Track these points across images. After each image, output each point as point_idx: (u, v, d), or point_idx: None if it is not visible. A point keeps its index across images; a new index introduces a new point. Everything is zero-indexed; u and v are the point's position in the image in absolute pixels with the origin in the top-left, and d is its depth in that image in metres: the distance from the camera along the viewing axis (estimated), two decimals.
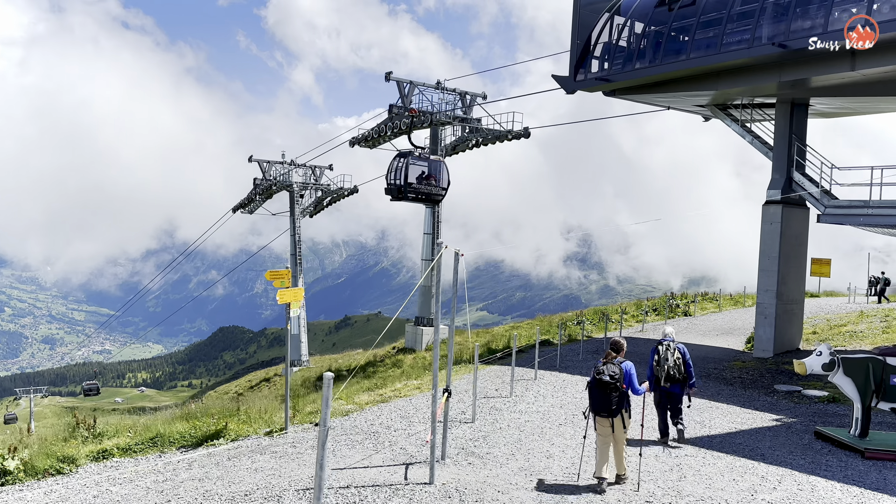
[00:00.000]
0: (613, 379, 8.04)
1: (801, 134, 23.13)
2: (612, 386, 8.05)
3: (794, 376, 18.46)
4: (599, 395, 8.13)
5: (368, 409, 12.65)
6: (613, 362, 8.28)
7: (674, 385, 10.59)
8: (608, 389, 8.05)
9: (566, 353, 22.94)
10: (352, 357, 43.59)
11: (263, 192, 50.75)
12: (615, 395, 8.06)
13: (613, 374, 8.05)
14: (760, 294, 23.14)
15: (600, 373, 8.11)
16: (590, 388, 8.29)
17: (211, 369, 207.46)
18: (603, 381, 8.07)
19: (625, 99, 25.34)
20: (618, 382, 8.08)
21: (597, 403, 8.21)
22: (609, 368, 8.11)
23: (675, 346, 10.74)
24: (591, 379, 8.25)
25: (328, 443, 9.94)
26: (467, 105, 38.84)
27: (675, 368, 10.53)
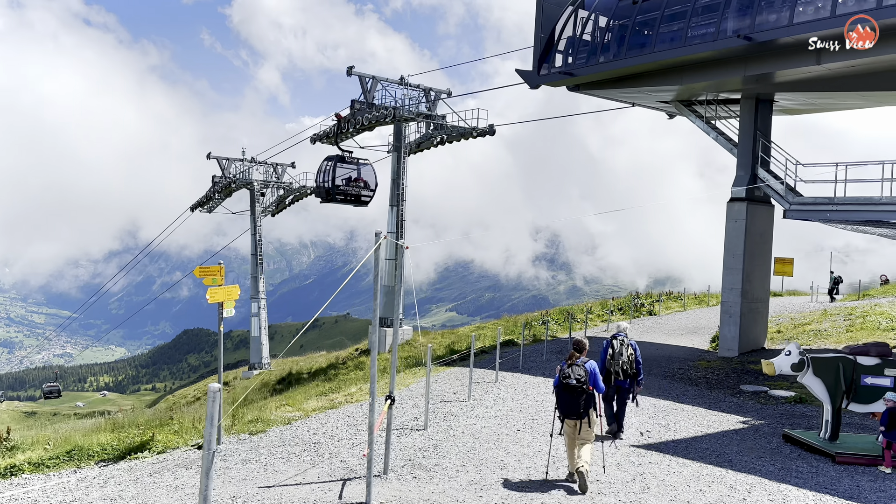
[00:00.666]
0: (580, 382, 8.04)
1: (765, 130, 22.86)
2: (579, 389, 8.06)
3: (760, 376, 18.06)
4: (567, 398, 8.12)
5: (314, 417, 11.79)
6: (578, 363, 8.24)
7: (624, 380, 10.68)
8: (576, 393, 8.06)
9: (530, 353, 22.31)
10: (314, 359, 42.47)
11: (222, 189, 49.31)
12: (583, 398, 8.09)
13: (580, 377, 8.05)
14: (725, 292, 22.79)
15: (567, 376, 8.08)
16: (557, 392, 8.25)
17: (175, 372, 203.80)
18: (570, 385, 8.05)
19: (589, 94, 24.83)
20: (584, 385, 8.08)
21: (565, 407, 8.17)
22: (575, 371, 8.09)
23: (629, 341, 10.88)
24: (558, 382, 8.21)
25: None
26: (432, 102, 38.06)
27: (628, 364, 10.66)
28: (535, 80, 24.41)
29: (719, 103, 23.93)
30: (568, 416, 8.20)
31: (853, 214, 19.14)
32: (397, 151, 37.09)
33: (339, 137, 38.20)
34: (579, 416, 8.14)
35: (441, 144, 39.46)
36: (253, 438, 10.21)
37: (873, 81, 19.31)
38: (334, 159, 31.41)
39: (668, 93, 23.44)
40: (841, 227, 20.43)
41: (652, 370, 19.08)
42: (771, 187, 22.09)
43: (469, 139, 38.03)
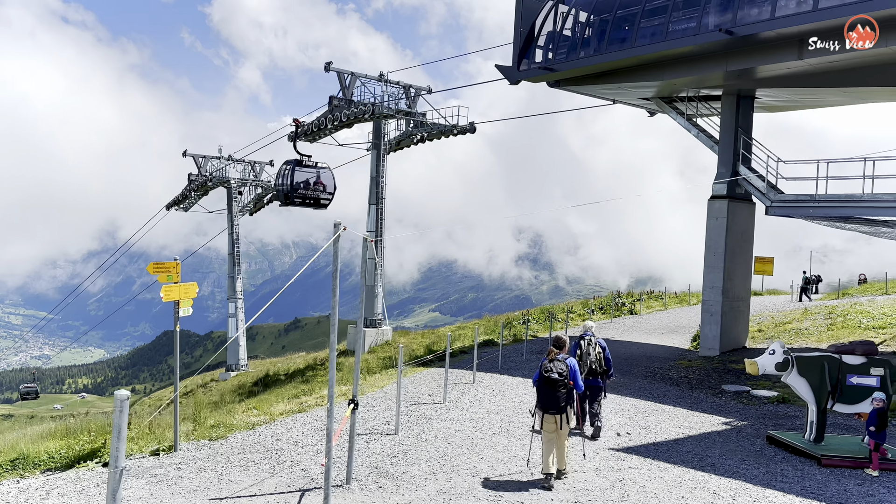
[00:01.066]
0: (561, 376, 8.14)
1: (746, 127, 22.61)
2: (560, 383, 8.16)
3: (742, 376, 17.76)
4: (548, 392, 8.19)
5: (280, 421, 11.24)
6: (558, 359, 8.34)
7: (595, 378, 10.68)
8: (556, 387, 8.15)
9: (510, 353, 21.89)
10: (292, 360, 41.77)
11: (198, 188, 48.41)
12: (563, 392, 8.16)
13: (561, 372, 8.15)
14: (706, 291, 22.53)
15: (548, 371, 8.18)
16: (538, 386, 8.32)
17: (155, 374, 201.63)
18: (552, 378, 8.14)
19: (570, 90, 24.46)
20: (565, 379, 8.18)
21: (545, 401, 8.24)
22: (556, 366, 8.19)
23: (596, 340, 10.87)
24: (539, 377, 8.27)
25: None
26: (412, 99, 37.55)
27: (597, 363, 10.68)
28: (514, 75, 24.00)
29: (700, 100, 23.67)
30: (548, 411, 8.24)
31: (835, 211, 18.92)
32: (377, 149, 36.55)
33: (315, 136, 37.56)
34: (559, 411, 8.20)
35: (421, 142, 38.99)
36: (213, 445, 9.64)
37: (854, 77, 19.10)
38: (292, 163, 32.36)
39: (649, 89, 23.14)
40: (823, 223, 20.22)
41: (632, 370, 18.73)
42: (752, 184, 21.84)
43: (450, 137, 37.60)
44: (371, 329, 36.14)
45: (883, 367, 10.01)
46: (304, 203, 32.64)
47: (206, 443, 9.72)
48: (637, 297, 40.66)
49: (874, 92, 20.13)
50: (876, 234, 19.62)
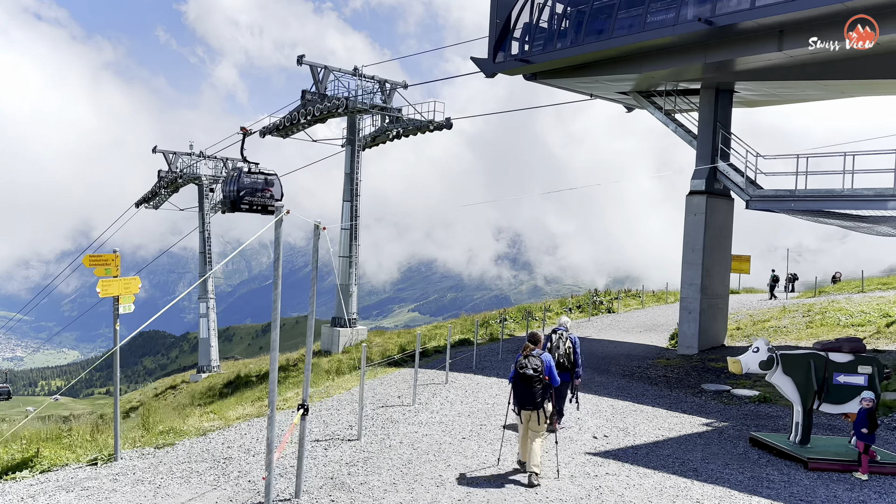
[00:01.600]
0: (537, 372, 8.06)
1: (725, 122, 22.24)
2: (535, 379, 8.07)
3: (722, 374, 17.33)
4: (524, 388, 8.11)
5: (235, 427, 10.50)
6: (534, 354, 8.27)
7: (563, 373, 10.47)
8: (532, 382, 8.07)
9: (485, 353, 21.28)
10: (265, 361, 40.79)
11: (168, 185, 47.23)
12: (539, 388, 8.08)
13: (536, 367, 8.07)
14: (684, 288, 22.12)
15: (523, 367, 8.10)
16: (513, 382, 8.23)
17: (130, 376, 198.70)
18: (527, 374, 8.06)
19: (547, 83, 23.92)
20: (541, 375, 8.10)
21: (521, 398, 8.16)
22: (532, 362, 8.11)
23: (568, 335, 10.79)
24: (514, 373, 8.20)
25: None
26: (387, 94, 36.85)
27: (565, 357, 10.56)
28: (490, 67, 23.41)
29: (679, 94, 23.27)
30: (524, 408, 8.16)
31: (815, 204, 18.60)
32: (351, 145, 35.77)
33: (287, 131, 36.71)
34: (535, 407, 8.10)
35: (397, 138, 38.24)
36: (158, 453, 8.88)
37: (834, 70, 18.78)
38: (238, 171, 33.19)
39: (626, 82, 22.68)
40: (804, 217, 19.89)
41: (610, 368, 18.23)
42: (731, 179, 21.48)
43: (426, 133, 36.94)
44: (345, 329, 35.35)
45: (870, 365, 9.54)
46: (250, 209, 33.24)
47: (152, 451, 8.97)
48: (615, 295, 40.34)
49: (853, 85, 19.84)
50: (856, 228, 19.33)
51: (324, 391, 14.13)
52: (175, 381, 51.09)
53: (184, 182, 47.22)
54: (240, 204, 32.72)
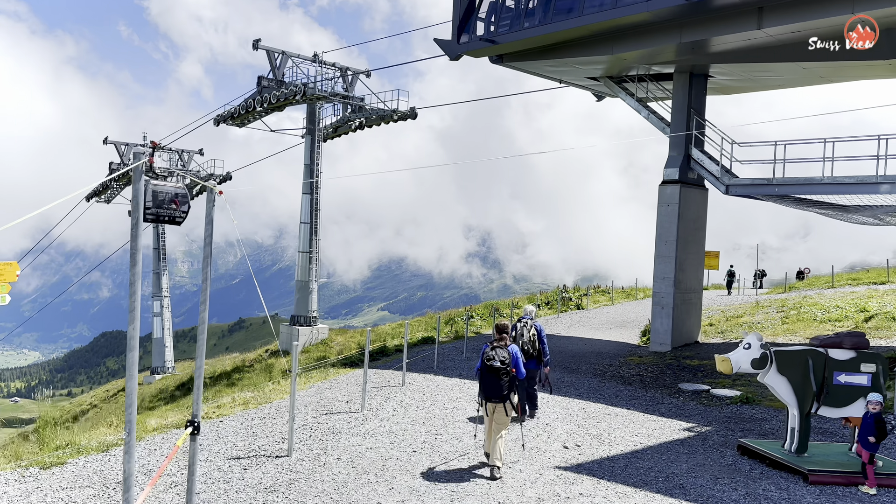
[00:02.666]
0: (504, 364, 8.02)
1: (699, 108, 21.25)
2: (502, 371, 8.01)
3: (699, 372, 16.25)
4: (490, 380, 8.05)
5: (146, 441, 8.99)
6: (500, 346, 8.21)
7: (529, 361, 10.53)
8: (499, 374, 8.00)
9: (449, 351, 19.97)
10: (221, 362, 38.97)
11: (120, 178, 44.96)
12: (506, 379, 8.01)
13: (504, 359, 8.04)
14: (657, 282, 21.06)
15: (490, 358, 8.07)
16: (480, 374, 8.19)
17: (93, 377, 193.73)
18: (494, 366, 8.00)
19: (514, 67, 22.67)
20: (508, 367, 8.04)
21: (489, 389, 8.09)
22: (499, 353, 8.08)
23: (533, 323, 10.87)
24: (481, 365, 8.15)
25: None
26: (349, 82, 35.30)
27: (530, 344, 10.64)
28: (454, 49, 22.08)
29: (651, 79, 22.19)
30: (490, 399, 8.09)
31: (795, 190, 17.69)
32: (311, 135, 34.17)
33: (243, 120, 34.97)
34: (502, 399, 8.04)
35: (360, 129, 36.71)
36: (42, 475, 7.35)
37: (814, 51, 17.84)
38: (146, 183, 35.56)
39: (597, 66, 21.55)
40: (786, 204, 18.92)
41: (580, 367, 17.05)
42: (706, 168, 20.48)
43: (390, 123, 35.47)
44: (305, 327, 33.76)
45: (874, 362, 8.43)
46: (156, 220, 35.08)
47: (35, 472, 7.43)
48: (584, 291, 39.35)
49: (834, 68, 18.96)
50: (846, 219, 18.46)
51: (264, 396, 12.66)
52: None
53: None
54: (146, 216, 35.81)
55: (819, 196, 18.19)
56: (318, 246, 34.56)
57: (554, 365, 17.22)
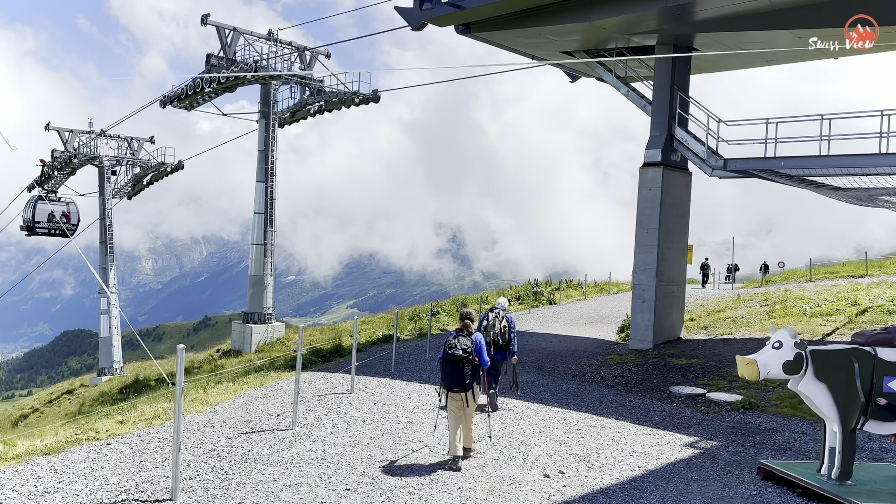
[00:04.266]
0: (466, 352, 7.75)
1: (683, 85, 19.54)
2: (465, 360, 7.75)
3: (688, 373, 14.47)
4: (453, 369, 7.78)
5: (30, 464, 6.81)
6: (464, 334, 7.93)
7: (497, 351, 10.40)
8: (461, 363, 7.74)
9: (410, 350, 17.96)
10: (168, 363, 36.33)
11: (62, 165, 41.89)
12: (468, 368, 7.75)
13: (466, 347, 7.77)
14: (637, 274, 19.30)
15: (453, 347, 7.80)
16: (442, 363, 7.93)
17: (54, 376, 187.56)
18: (456, 355, 7.74)
19: (482, 38, 20.68)
20: (470, 355, 7.78)
21: (450, 379, 7.82)
22: (461, 341, 7.82)
23: (504, 314, 10.70)
24: (443, 353, 7.88)
25: None
26: (307, 63, 32.98)
27: (500, 335, 10.42)
28: (417, 16, 20.01)
29: (631, 52, 20.39)
30: (452, 389, 7.80)
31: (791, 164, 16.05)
32: (265, 118, 31.77)
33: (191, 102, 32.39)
34: (464, 388, 7.75)
35: (320, 113, 34.48)
36: None
37: (810, 16, 16.21)
38: (35, 198, 36.50)
39: (573, 36, 19.68)
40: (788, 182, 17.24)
41: (557, 368, 15.18)
42: (690, 149, 18.79)
43: (351, 106, 33.28)
44: (259, 325, 31.41)
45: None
46: (47, 233, 36.74)
47: None
48: (556, 286, 37.64)
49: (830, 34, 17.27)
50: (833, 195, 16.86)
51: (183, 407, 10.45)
52: (73, 385, 45.89)
53: (80, 163, 41.97)
54: (36, 229, 35.70)
55: (820, 178, 16.57)
56: (273, 238, 32.21)
57: (527, 365, 15.35)
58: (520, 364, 12.87)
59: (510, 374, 11.57)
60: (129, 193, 45.99)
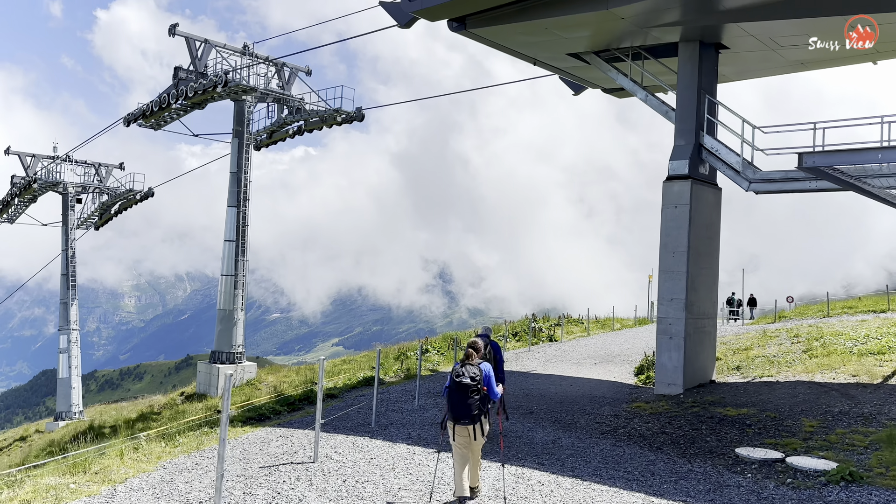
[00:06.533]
0: (474, 381, 7.21)
1: (710, 87, 17.04)
2: (473, 388, 7.19)
3: (744, 426, 11.52)
4: (460, 399, 7.19)
5: None
6: (473, 363, 7.34)
7: None
8: (469, 392, 7.19)
9: (396, 396, 14.96)
10: (131, 407, 32.87)
11: (21, 191, 38.86)
12: (476, 399, 7.21)
13: (474, 376, 7.22)
14: (663, 306, 16.47)
15: (459, 375, 7.24)
16: (448, 392, 7.30)
17: (31, 417, 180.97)
18: (463, 383, 7.18)
19: (478, 37, 18.14)
20: (479, 384, 7.25)
21: (457, 410, 7.19)
22: (469, 370, 7.26)
23: (488, 341, 9.80)
24: (449, 382, 7.33)
25: None
26: (286, 81, 30.47)
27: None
28: (405, 9, 17.46)
29: (646, 51, 17.89)
30: (459, 421, 7.16)
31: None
32: (238, 137, 29.09)
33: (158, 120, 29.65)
34: (472, 420, 7.14)
35: (300, 134, 31.93)
36: None
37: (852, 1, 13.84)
38: None
39: (582, 32, 17.20)
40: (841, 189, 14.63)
41: (577, 421, 12.23)
42: (722, 160, 16.21)
43: (333, 126, 30.72)
44: (228, 365, 28.20)
45: None
46: None
47: None
48: (555, 321, 34.69)
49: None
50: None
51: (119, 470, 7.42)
52: (27, 431, 42.01)
53: (40, 189, 38.98)
54: None
55: None
56: (244, 268, 29.21)
57: (541, 416, 12.40)
58: (505, 393, 11.47)
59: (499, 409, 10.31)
60: (96, 223, 42.92)
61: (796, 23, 15.08)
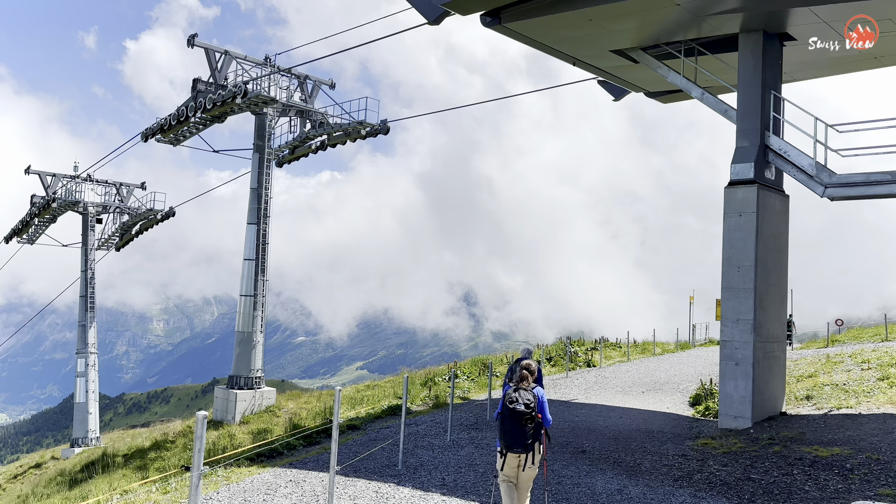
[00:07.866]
0: (529, 407, 6.85)
1: (775, 82, 15.25)
2: (527, 416, 6.82)
3: (844, 471, 9.56)
4: (513, 426, 6.81)
5: None
6: (526, 388, 6.95)
7: None
8: (523, 420, 6.80)
9: (425, 429, 13.20)
10: (143, 435, 31.40)
11: (41, 211, 38.09)
12: (530, 426, 6.84)
13: (528, 402, 6.87)
14: (727, 327, 14.53)
15: (513, 401, 6.85)
16: (501, 418, 6.90)
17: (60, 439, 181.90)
18: (517, 410, 6.80)
19: (512, 33, 16.58)
20: (533, 411, 6.86)
21: (509, 437, 6.82)
22: (523, 395, 6.90)
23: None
24: (502, 407, 6.92)
25: None
26: (308, 94, 29.30)
27: None
28: (435, 5, 16.01)
29: (698, 45, 16.17)
30: (512, 449, 6.82)
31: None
32: (259, 152, 27.90)
33: (176, 135, 28.54)
34: (526, 449, 6.81)
35: (322, 149, 30.63)
36: None
37: None
38: None
39: (630, 23, 15.57)
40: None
41: (641, 462, 10.35)
42: (792, 162, 14.36)
43: (357, 140, 29.38)
44: (246, 391, 26.66)
45: None
46: None
47: None
48: (592, 345, 32.67)
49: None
50: None
51: None
52: (43, 458, 40.84)
53: (60, 209, 38.14)
54: None
55: None
56: (264, 288, 27.79)
57: (595, 456, 10.57)
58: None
59: None
60: (117, 244, 42.01)
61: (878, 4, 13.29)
